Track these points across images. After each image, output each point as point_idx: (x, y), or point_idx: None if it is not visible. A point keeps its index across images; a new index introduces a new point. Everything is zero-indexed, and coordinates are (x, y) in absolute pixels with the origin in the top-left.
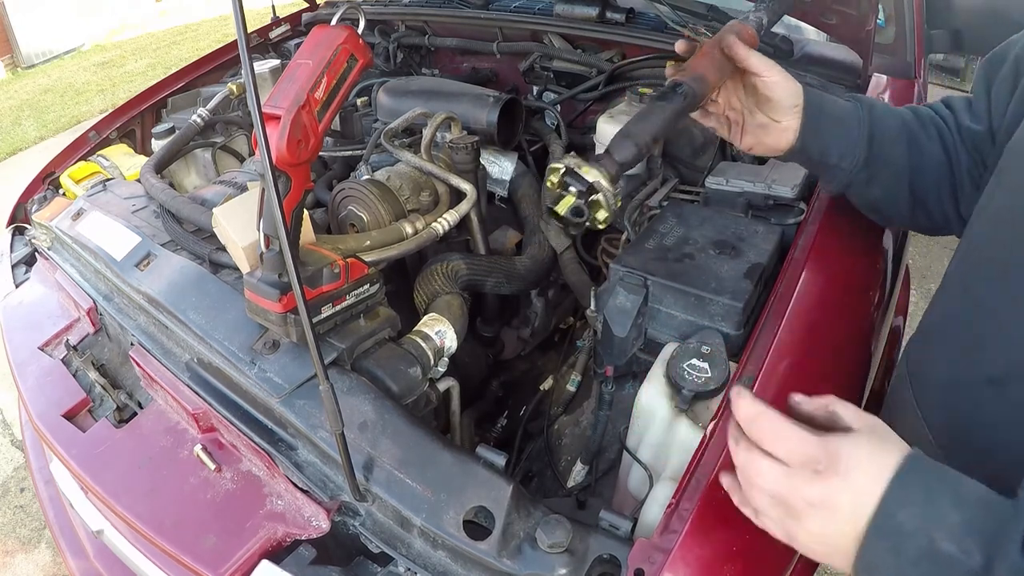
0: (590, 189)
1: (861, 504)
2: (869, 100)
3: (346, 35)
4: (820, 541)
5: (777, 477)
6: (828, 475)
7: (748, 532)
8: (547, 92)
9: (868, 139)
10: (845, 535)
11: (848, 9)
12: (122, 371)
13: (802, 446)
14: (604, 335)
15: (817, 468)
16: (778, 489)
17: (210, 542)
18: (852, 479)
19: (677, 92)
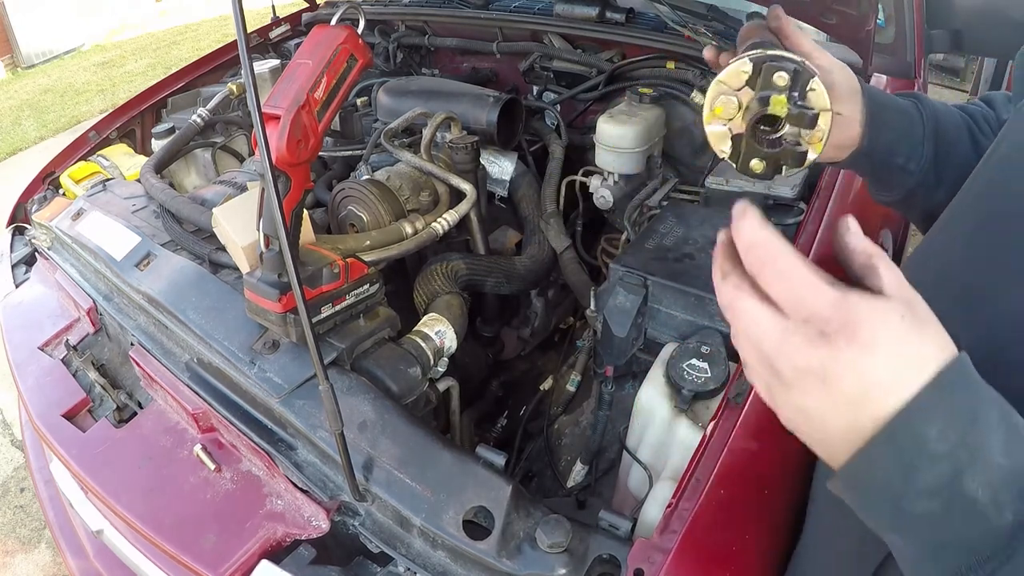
0: (804, 71)
1: (872, 395)
2: (923, 96)
3: (346, 35)
4: (807, 421)
5: (768, 331)
6: (837, 342)
7: (748, 532)
8: (547, 92)
9: (934, 135)
10: (837, 426)
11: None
12: (122, 371)
13: (811, 295)
14: (604, 335)
15: (825, 329)
16: (768, 348)
17: (210, 542)
18: (870, 358)
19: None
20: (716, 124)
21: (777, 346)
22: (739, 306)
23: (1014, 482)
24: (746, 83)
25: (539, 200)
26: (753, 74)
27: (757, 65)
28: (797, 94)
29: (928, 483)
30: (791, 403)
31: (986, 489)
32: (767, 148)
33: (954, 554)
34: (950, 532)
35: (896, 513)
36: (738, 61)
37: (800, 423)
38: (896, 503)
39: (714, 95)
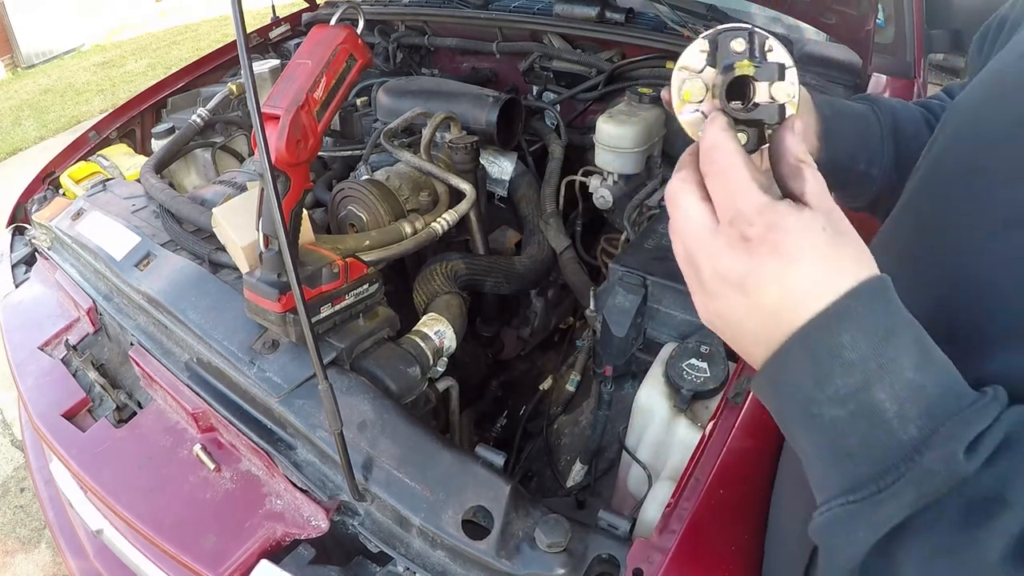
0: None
1: (790, 305)
2: (878, 98)
3: (345, 35)
4: (725, 325)
5: (696, 229)
6: (759, 250)
7: (747, 532)
8: (547, 92)
9: (892, 135)
10: (755, 332)
11: (848, 9)
12: (122, 371)
13: (742, 196)
14: (603, 335)
15: (747, 232)
16: (692, 245)
17: (209, 542)
18: (791, 269)
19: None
20: (687, 111)
21: (701, 244)
22: (678, 199)
23: (922, 399)
24: (707, 62)
25: (539, 200)
26: (711, 49)
27: (713, 40)
28: (758, 55)
29: (838, 390)
30: (710, 307)
31: (893, 402)
32: (745, 116)
33: (857, 464)
34: (855, 441)
35: (806, 417)
36: (695, 42)
37: (718, 326)
38: (806, 407)
39: (679, 81)
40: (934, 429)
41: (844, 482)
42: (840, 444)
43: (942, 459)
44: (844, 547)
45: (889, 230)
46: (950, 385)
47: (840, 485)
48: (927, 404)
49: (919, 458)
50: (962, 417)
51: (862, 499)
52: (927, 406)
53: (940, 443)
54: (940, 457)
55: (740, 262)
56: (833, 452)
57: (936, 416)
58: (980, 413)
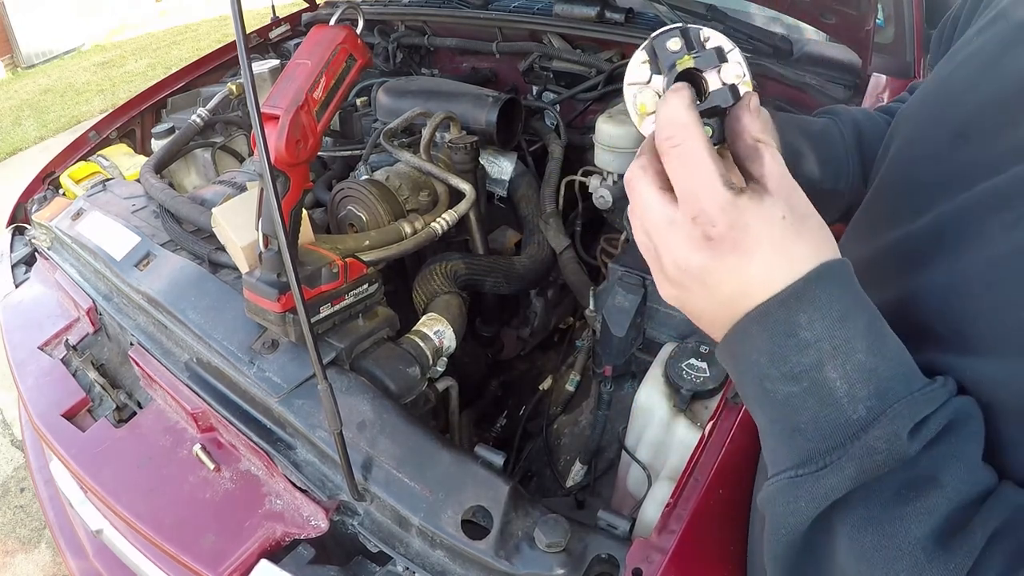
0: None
1: (746, 292)
2: (840, 110)
3: (345, 35)
4: (683, 307)
5: (657, 221)
6: (720, 247)
7: (746, 531)
8: (546, 92)
9: (857, 147)
10: (714, 316)
11: (848, 9)
12: (121, 371)
13: (706, 193)
14: (603, 335)
15: (710, 233)
16: (654, 237)
17: (209, 541)
18: (749, 262)
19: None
20: (648, 123)
21: (663, 238)
22: (637, 187)
23: (872, 381)
24: (651, 71)
25: (538, 200)
26: (651, 58)
27: (649, 48)
28: (696, 48)
29: (792, 368)
30: (670, 292)
31: (844, 381)
32: (701, 108)
33: (807, 439)
34: (806, 417)
35: (760, 392)
36: (633, 57)
37: (678, 303)
38: (761, 383)
39: (632, 97)
40: (882, 410)
41: (793, 456)
42: (791, 420)
43: (885, 438)
44: (787, 517)
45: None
46: (901, 370)
47: (789, 459)
48: (877, 386)
49: (864, 436)
50: (911, 399)
51: (807, 473)
52: (877, 388)
53: (886, 423)
54: (883, 436)
55: (701, 257)
56: (785, 427)
57: (885, 398)
58: (928, 397)
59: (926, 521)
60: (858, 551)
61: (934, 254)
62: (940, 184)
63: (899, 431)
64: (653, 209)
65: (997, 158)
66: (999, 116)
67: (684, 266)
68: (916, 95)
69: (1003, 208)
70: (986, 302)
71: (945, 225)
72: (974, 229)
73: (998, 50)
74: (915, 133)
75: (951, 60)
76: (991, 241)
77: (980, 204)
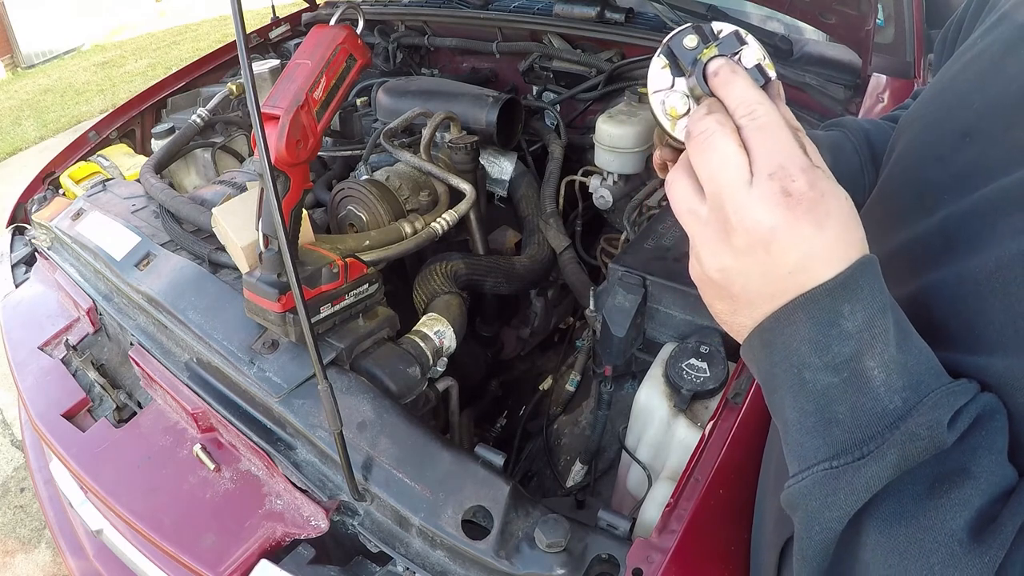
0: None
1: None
2: (849, 123)
3: (345, 35)
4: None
5: (735, 178)
6: (797, 207)
7: (746, 531)
8: (547, 92)
9: (871, 161)
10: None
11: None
12: (121, 371)
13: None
14: (603, 335)
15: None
16: (727, 193)
17: (209, 541)
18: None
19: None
20: (680, 127)
21: (735, 192)
22: (714, 141)
23: (906, 373)
24: (673, 75)
25: (538, 200)
26: (670, 60)
27: (667, 50)
28: (712, 40)
29: (833, 356)
30: (722, 262)
31: (882, 371)
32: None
33: (843, 430)
34: (843, 407)
35: (798, 383)
36: (652, 64)
37: (715, 283)
38: (800, 373)
39: (659, 104)
40: (918, 400)
41: (827, 448)
42: (828, 411)
43: (927, 424)
44: (823, 512)
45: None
46: (931, 364)
47: (823, 451)
48: (910, 378)
49: (905, 423)
50: (946, 390)
51: (845, 464)
52: (911, 380)
53: (927, 411)
54: (925, 423)
55: (774, 216)
56: (819, 419)
57: (919, 389)
58: (961, 388)
59: (960, 513)
60: (889, 545)
61: (943, 255)
62: (946, 184)
63: (940, 418)
64: (731, 165)
65: (1003, 159)
66: (1004, 117)
67: (752, 226)
68: (921, 97)
69: (1012, 211)
70: (998, 303)
71: (954, 227)
72: (983, 231)
73: (1002, 52)
74: (921, 134)
75: (956, 62)
76: (1000, 244)
77: (988, 206)
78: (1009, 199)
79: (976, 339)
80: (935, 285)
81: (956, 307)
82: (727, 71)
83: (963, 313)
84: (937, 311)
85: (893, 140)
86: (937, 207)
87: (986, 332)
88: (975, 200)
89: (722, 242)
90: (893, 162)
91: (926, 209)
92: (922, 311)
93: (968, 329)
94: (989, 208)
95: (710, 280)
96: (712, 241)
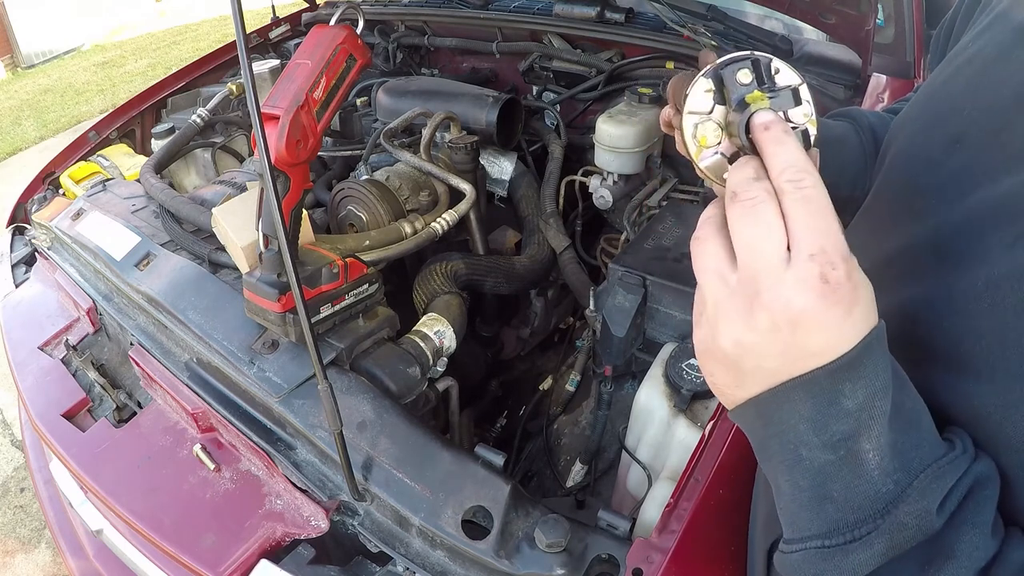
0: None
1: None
2: (858, 114)
3: (345, 35)
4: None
5: (775, 251)
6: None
7: (746, 532)
8: (547, 92)
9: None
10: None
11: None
12: (121, 371)
13: (831, 235)
14: (603, 335)
15: (827, 273)
16: (762, 266)
17: (209, 541)
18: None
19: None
20: (707, 156)
21: (773, 269)
22: (761, 211)
23: (898, 452)
24: (714, 101)
25: (538, 200)
26: (716, 88)
27: (716, 75)
28: (767, 81)
29: (832, 435)
30: (738, 334)
31: (876, 453)
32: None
33: (836, 509)
34: (838, 486)
35: (794, 459)
36: (696, 84)
37: (727, 353)
38: (796, 449)
39: (691, 128)
40: (908, 483)
41: (820, 525)
42: (823, 488)
43: (915, 514)
44: None
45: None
46: (923, 436)
47: (816, 527)
48: (903, 458)
49: (894, 511)
50: (936, 469)
51: (835, 545)
52: (903, 461)
53: (916, 498)
54: (913, 512)
55: (807, 300)
56: (814, 495)
57: (911, 469)
58: (952, 466)
59: None
60: None
61: (934, 268)
62: (937, 190)
63: (929, 506)
64: (775, 239)
65: (992, 165)
66: (995, 122)
67: (783, 307)
68: (912, 101)
69: (1002, 224)
70: (986, 324)
71: (945, 238)
72: (973, 245)
73: (995, 56)
74: (912, 139)
75: (948, 66)
76: (990, 260)
77: (979, 217)
78: (999, 211)
79: (964, 361)
80: (925, 299)
81: (944, 325)
82: (779, 130)
83: (951, 332)
84: (926, 326)
85: (885, 145)
86: (929, 213)
87: (974, 354)
88: (966, 209)
89: (746, 314)
90: (886, 168)
91: (918, 216)
92: (910, 325)
93: (956, 349)
94: (980, 220)
95: (721, 350)
96: (735, 311)
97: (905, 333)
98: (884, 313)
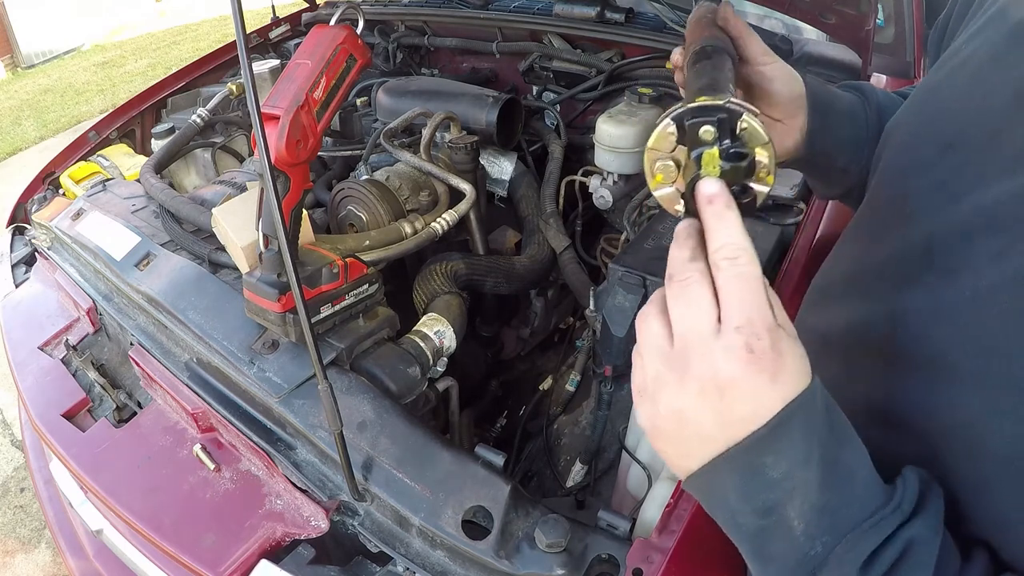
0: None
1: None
2: (869, 90)
3: (345, 35)
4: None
5: (705, 323)
6: (757, 364)
7: None
8: (547, 92)
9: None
10: (708, 435)
11: (848, 9)
12: (121, 371)
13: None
14: (603, 335)
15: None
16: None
17: (209, 541)
18: (773, 389)
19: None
20: (662, 188)
21: (703, 340)
22: (692, 290)
23: (826, 516)
24: (677, 142)
25: (538, 200)
26: (679, 132)
27: (680, 124)
28: (728, 141)
29: (761, 503)
30: (675, 404)
31: (800, 520)
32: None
33: (776, 568)
34: (776, 547)
35: (733, 525)
36: (661, 124)
37: (669, 424)
38: (733, 517)
39: (650, 163)
40: (833, 546)
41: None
42: (764, 551)
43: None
44: None
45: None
46: (855, 493)
47: None
48: (831, 521)
49: (820, 574)
50: (860, 532)
51: None
52: (831, 523)
53: (835, 564)
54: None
55: (733, 368)
56: (758, 556)
57: (839, 530)
58: (875, 529)
59: None
60: None
61: (923, 275)
62: (930, 194)
63: (849, 571)
64: (704, 312)
65: (987, 168)
66: (988, 127)
67: (711, 374)
68: (906, 103)
69: (991, 233)
70: (972, 334)
71: (935, 245)
72: (962, 254)
73: (988, 59)
74: (906, 142)
75: (942, 68)
76: (977, 270)
77: (970, 225)
78: (988, 219)
79: (950, 370)
80: (915, 306)
81: (931, 334)
82: (721, 205)
83: (938, 341)
84: (914, 332)
85: (880, 148)
86: (921, 219)
87: (961, 363)
88: (958, 216)
89: (679, 383)
90: (880, 171)
91: (910, 221)
92: (900, 331)
93: (943, 358)
94: (969, 227)
95: (663, 420)
96: (671, 381)
97: (896, 339)
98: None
